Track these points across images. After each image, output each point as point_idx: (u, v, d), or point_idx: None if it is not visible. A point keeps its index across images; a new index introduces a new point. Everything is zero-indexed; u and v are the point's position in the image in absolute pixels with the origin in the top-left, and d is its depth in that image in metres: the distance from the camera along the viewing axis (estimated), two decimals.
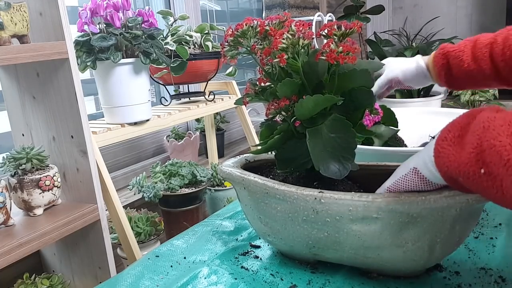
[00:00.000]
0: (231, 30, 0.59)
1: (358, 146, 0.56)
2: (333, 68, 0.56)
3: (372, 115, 0.72)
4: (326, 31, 0.57)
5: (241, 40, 0.59)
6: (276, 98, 0.58)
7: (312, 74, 0.57)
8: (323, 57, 0.54)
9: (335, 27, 0.56)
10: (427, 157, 0.46)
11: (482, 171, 0.38)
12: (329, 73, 0.57)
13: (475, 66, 0.77)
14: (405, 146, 0.85)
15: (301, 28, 0.56)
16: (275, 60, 0.55)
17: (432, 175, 0.46)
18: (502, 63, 0.73)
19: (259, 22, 0.58)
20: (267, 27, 0.58)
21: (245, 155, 0.69)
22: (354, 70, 0.56)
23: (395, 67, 0.86)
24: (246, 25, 0.58)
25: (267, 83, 0.61)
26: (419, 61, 0.86)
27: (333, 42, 0.55)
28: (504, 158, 0.36)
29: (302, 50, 0.56)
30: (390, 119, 0.82)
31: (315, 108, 0.56)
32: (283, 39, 0.55)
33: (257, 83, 0.62)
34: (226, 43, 0.60)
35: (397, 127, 0.83)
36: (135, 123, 1.22)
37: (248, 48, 0.59)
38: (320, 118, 0.57)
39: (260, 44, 0.58)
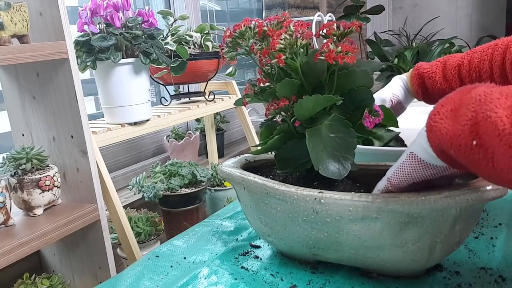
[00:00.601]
0: (229, 31, 0.59)
1: (358, 146, 0.56)
2: (333, 68, 0.56)
3: (373, 117, 0.72)
4: (324, 31, 0.57)
5: (240, 41, 0.59)
6: (276, 99, 0.58)
7: (311, 74, 0.57)
8: (322, 57, 0.54)
9: (334, 26, 0.56)
10: (422, 139, 0.46)
11: (474, 142, 0.38)
12: (328, 73, 0.57)
13: (447, 86, 0.83)
14: (405, 146, 0.85)
15: (299, 28, 0.56)
16: (273, 61, 0.55)
17: (428, 156, 0.46)
18: (470, 83, 0.79)
19: (257, 23, 0.58)
20: (265, 28, 0.58)
21: (245, 155, 0.69)
22: (354, 70, 0.56)
23: (386, 88, 0.92)
24: (244, 26, 0.58)
25: (267, 84, 0.61)
26: (403, 77, 0.92)
27: (332, 42, 0.55)
28: (499, 129, 0.36)
29: (301, 50, 0.56)
30: (389, 119, 0.82)
31: (315, 108, 0.56)
32: (281, 39, 0.55)
33: (257, 83, 0.62)
34: (225, 45, 0.60)
35: (397, 127, 0.83)
36: (135, 123, 1.22)
37: (247, 49, 0.59)
38: (320, 118, 0.57)
39: (259, 45, 0.58)
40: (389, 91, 0.91)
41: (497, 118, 0.36)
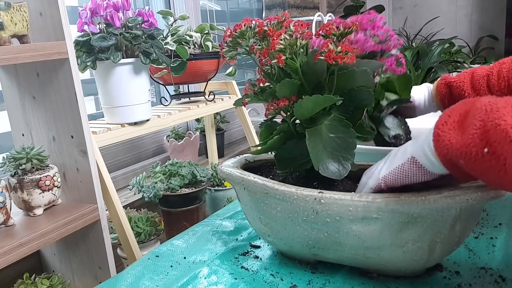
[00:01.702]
0: (229, 31, 0.59)
1: (358, 146, 0.56)
2: (332, 68, 0.56)
3: (396, 66, 0.68)
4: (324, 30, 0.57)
5: (240, 41, 0.59)
6: (276, 99, 0.58)
7: (311, 74, 0.57)
8: (321, 57, 0.54)
9: (334, 26, 0.56)
10: (426, 146, 0.46)
11: (486, 150, 0.39)
12: (328, 73, 0.57)
13: (474, 95, 0.85)
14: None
15: (298, 29, 0.56)
16: (273, 61, 0.55)
17: (431, 164, 0.46)
18: (498, 92, 0.81)
19: (257, 23, 0.58)
20: (265, 28, 0.58)
21: (245, 155, 0.69)
22: (354, 70, 0.56)
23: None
24: (244, 25, 0.58)
25: (266, 84, 0.61)
26: (430, 85, 0.92)
27: (332, 42, 0.55)
28: (510, 135, 0.37)
29: (301, 50, 0.56)
30: (406, 88, 0.78)
31: (315, 108, 0.56)
32: (281, 40, 0.55)
33: (256, 83, 0.62)
34: (225, 44, 0.60)
35: (409, 100, 0.81)
36: (135, 123, 1.22)
37: (247, 49, 0.59)
38: (320, 118, 0.57)
39: (259, 45, 0.58)
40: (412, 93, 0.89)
41: (507, 125, 0.37)
